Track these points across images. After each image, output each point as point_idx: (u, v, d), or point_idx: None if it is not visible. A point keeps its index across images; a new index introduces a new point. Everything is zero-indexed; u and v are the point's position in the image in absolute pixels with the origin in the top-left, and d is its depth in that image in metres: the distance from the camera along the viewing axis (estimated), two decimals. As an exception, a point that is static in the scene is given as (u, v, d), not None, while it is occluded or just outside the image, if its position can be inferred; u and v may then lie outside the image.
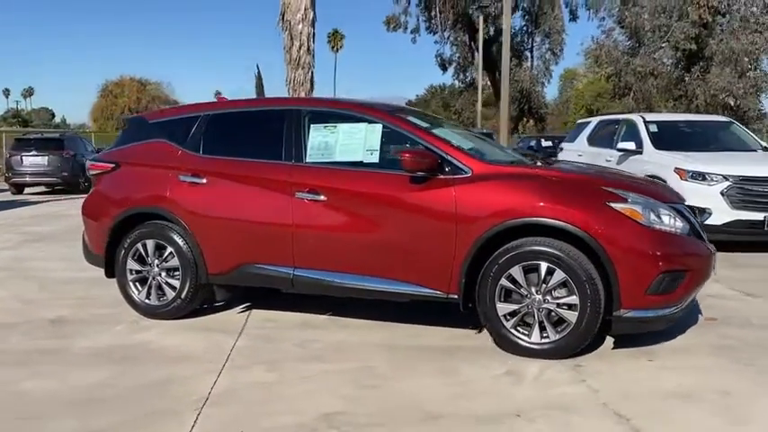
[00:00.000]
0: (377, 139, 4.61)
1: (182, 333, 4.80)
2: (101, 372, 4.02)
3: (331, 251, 4.60)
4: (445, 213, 4.26)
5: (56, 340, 4.66)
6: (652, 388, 3.70)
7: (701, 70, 26.84)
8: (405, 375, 3.93)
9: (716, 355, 4.25)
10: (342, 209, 4.54)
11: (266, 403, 3.55)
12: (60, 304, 5.62)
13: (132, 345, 4.54)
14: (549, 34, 27.12)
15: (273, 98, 6.40)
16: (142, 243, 5.10)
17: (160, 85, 72.36)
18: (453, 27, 26.37)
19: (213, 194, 4.89)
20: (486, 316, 4.27)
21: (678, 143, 8.81)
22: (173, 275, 5.05)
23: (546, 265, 4.08)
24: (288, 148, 4.77)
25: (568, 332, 4.09)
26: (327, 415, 3.38)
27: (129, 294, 5.18)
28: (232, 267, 4.88)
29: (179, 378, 3.92)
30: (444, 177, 4.32)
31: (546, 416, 3.34)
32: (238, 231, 4.81)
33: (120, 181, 5.24)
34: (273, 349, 4.44)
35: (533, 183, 4.26)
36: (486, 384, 3.79)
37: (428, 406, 3.48)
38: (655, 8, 26.52)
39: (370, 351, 4.37)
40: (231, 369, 4.06)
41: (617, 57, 27.63)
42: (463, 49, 27.21)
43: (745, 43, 25.49)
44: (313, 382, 3.84)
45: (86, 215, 5.44)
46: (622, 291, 3.98)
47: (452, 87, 34.12)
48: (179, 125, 5.23)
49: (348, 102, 5.11)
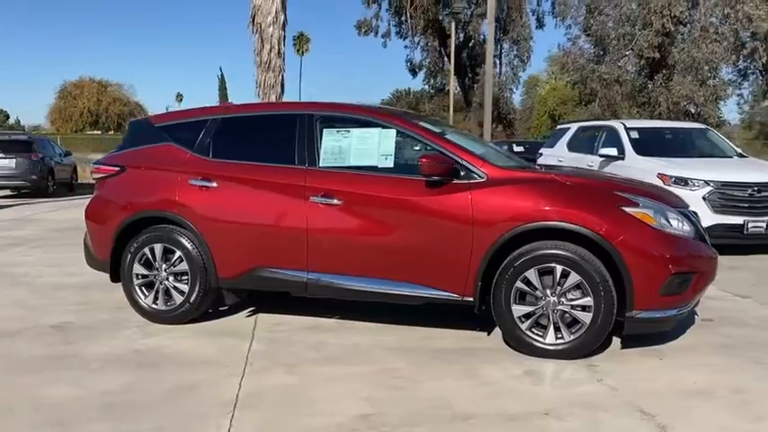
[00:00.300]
0: (391, 143, 4.67)
1: (194, 338, 4.78)
2: (121, 377, 3.99)
3: (346, 255, 4.64)
4: (462, 217, 4.34)
5: (65, 346, 4.59)
6: (668, 386, 3.84)
7: (663, 78, 27.59)
8: (427, 377, 3.99)
9: (721, 354, 4.42)
10: (357, 213, 4.59)
11: (296, 405, 3.57)
12: (60, 310, 5.53)
13: (146, 350, 4.51)
14: (516, 41, 27.57)
15: (285, 102, 6.44)
16: (149, 247, 5.06)
17: (121, 87, 71.16)
18: (424, 32, 26.61)
19: (224, 198, 4.89)
20: (501, 318, 4.36)
21: (658, 149, 9.07)
22: (181, 280, 5.03)
23: (561, 267, 4.19)
24: (300, 152, 4.80)
25: (582, 333, 4.21)
26: (362, 416, 3.42)
27: (136, 299, 5.14)
28: (243, 271, 4.88)
29: (202, 382, 3.91)
30: (460, 182, 4.41)
31: (573, 414, 3.45)
32: (250, 235, 4.82)
33: (127, 185, 5.19)
34: (289, 353, 4.45)
35: (548, 187, 4.38)
36: (508, 385, 3.88)
37: (457, 407, 3.55)
38: (619, 17, 27.20)
39: (386, 354, 4.43)
40: (252, 373, 4.07)
41: (582, 64, 28.24)
42: (433, 54, 27.47)
43: (705, 52, 26.32)
44: (337, 385, 3.88)
45: (90, 219, 5.38)
46: (635, 292, 4.11)
47: (422, 92, 34.42)
48: (187, 129, 5.22)
49: (361, 107, 5.16)
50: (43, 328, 5.02)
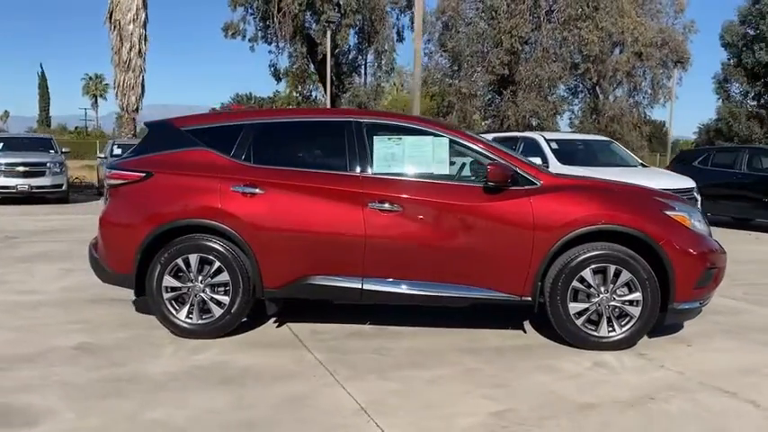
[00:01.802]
0: (445, 151, 4.84)
1: (246, 351, 4.59)
2: (217, 394, 3.79)
3: (405, 260, 4.72)
4: (524, 222, 4.62)
5: (116, 368, 4.21)
6: (720, 367, 4.40)
7: (511, 93, 29.86)
8: (515, 374, 4.21)
9: (730, 339, 5.10)
10: (418, 219, 4.69)
11: (427, 409, 3.64)
12: (62, 330, 5.01)
13: (210, 366, 4.28)
14: (381, 52, 28.41)
15: (325, 109, 6.27)
16: (183, 258, 4.77)
17: None
18: (292, 39, 26.53)
19: (272, 205, 4.75)
20: (557, 315, 4.68)
21: (576, 159, 9.98)
22: (218, 291, 4.81)
23: (614, 267, 4.62)
24: (352, 158, 4.81)
25: (632, 325, 4.67)
26: (498, 413, 3.57)
27: (165, 314, 4.82)
28: (292, 280, 4.77)
29: (307, 393, 3.83)
30: (518, 188, 4.69)
31: (673, 397, 3.85)
32: (302, 243, 4.72)
33: (156, 191, 4.84)
34: (360, 360, 4.45)
35: (600, 193, 4.80)
36: (592, 376, 4.22)
37: (573, 398, 3.82)
38: (474, 35, 29.02)
39: (455, 355, 4.58)
40: (346, 381, 4.03)
41: (440, 78, 29.74)
42: (302, 61, 27.47)
43: (547, 71, 28.87)
44: (442, 387, 3.98)
45: (108, 229, 4.94)
46: (677, 286, 4.63)
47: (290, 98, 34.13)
48: (220, 133, 4.99)
49: (410, 116, 5.26)
50: (65, 350, 4.55)
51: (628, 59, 31.85)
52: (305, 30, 27.17)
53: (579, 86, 34.65)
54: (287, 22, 25.49)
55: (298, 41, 26.82)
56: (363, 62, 28.67)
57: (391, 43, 27.96)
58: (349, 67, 28.71)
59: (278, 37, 26.84)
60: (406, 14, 30.06)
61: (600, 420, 3.52)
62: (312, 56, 27.48)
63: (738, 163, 12.54)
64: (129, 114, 24.67)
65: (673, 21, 33.38)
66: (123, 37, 23.95)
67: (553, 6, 28.82)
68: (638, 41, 30.86)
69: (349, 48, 28.20)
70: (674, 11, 33.48)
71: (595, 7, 28.58)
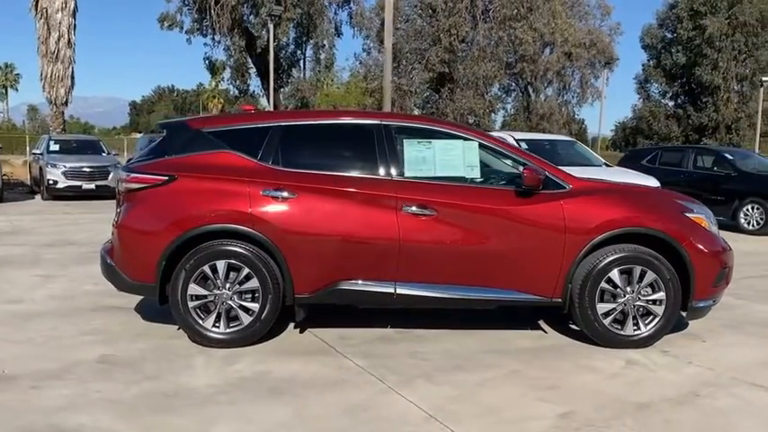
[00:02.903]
0: (475, 155, 4.87)
1: (281, 359, 4.47)
2: (276, 407, 3.69)
3: (438, 264, 4.72)
4: (556, 225, 4.71)
5: (153, 382, 4.02)
6: (742, 361, 4.64)
7: (448, 91, 30.27)
8: (559, 375, 4.29)
9: (735, 333, 5.37)
10: (452, 223, 4.70)
11: (492, 413, 3.66)
12: (78, 342, 4.75)
13: (254, 376, 4.15)
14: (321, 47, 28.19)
15: (355, 111, 6.12)
16: (210, 265, 4.61)
17: None
18: (230, 32, 25.91)
19: (304, 209, 4.64)
20: (585, 315, 4.79)
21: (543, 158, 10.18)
22: (246, 298, 4.67)
23: (640, 268, 4.77)
24: (384, 162, 4.76)
25: (655, 324, 4.84)
26: (564, 415, 3.64)
27: (191, 323, 4.64)
28: (324, 286, 4.69)
29: (365, 401, 3.78)
30: (550, 192, 4.77)
31: (716, 393, 4.03)
32: (336, 248, 4.65)
33: (181, 196, 4.64)
34: (401, 365, 4.42)
35: (626, 197, 4.95)
36: (631, 375, 4.35)
37: (625, 397, 3.92)
38: (413, 32, 29.22)
39: (489, 358, 4.61)
40: (399, 387, 4.00)
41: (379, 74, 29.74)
42: (240, 55, 26.86)
43: (484, 69, 29.43)
44: (496, 390, 4.01)
45: (127, 236, 4.70)
46: (697, 285, 4.84)
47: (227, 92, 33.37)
48: (245, 135, 4.84)
49: (437, 119, 5.24)
50: (90, 364, 4.31)
51: (558, 59, 32.93)
52: (243, 23, 26.61)
53: (512, 85, 35.49)
54: (225, 15, 24.91)
55: (236, 34, 26.24)
56: (302, 56, 28.37)
57: (331, 38, 27.79)
58: (288, 62, 28.35)
59: (215, 30, 26.19)
60: (345, 9, 30.03)
61: (662, 419, 3.64)
62: (250, 49, 26.96)
63: (685, 162, 13.20)
64: (58, 108, 23.49)
65: (600, 23, 34.69)
66: (51, 26, 22.80)
67: (489, 6, 29.37)
68: (568, 42, 31.95)
69: (287, 42, 27.84)
70: (601, 13, 34.81)
71: (529, 8, 29.34)
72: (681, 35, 39.01)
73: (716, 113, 38.75)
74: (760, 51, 37.60)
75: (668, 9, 40.45)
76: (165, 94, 69.52)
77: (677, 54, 39.74)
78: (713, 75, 37.86)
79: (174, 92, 68.27)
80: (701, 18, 37.42)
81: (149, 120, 65.76)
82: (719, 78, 37.94)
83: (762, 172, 12.58)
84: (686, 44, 38.92)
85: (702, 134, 39.36)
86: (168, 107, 65.76)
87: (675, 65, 39.82)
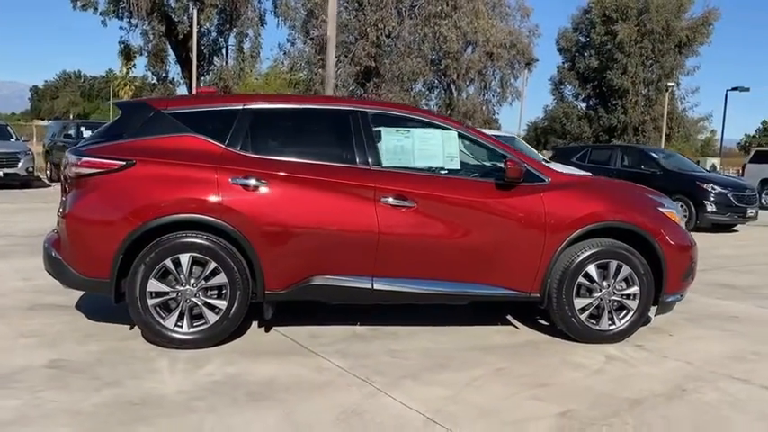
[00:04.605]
0: (455, 145, 4.70)
1: (253, 360, 4.15)
2: (261, 414, 3.39)
3: (417, 258, 4.52)
4: (536, 218, 4.61)
5: (114, 389, 3.61)
6: (714, 355, 4.69)
7: (374, 86, 30.14)
8: (546, 373, 4.18)
9: (698, 327, 5.45)
10: (432, 215, 4.50)
11: (491, 414, 3.49)
12: (18, 345, 4.26)
13: (228, 380, 3.80)
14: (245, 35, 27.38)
15: (329, 97, 5.74)
16: (173, 259, 4.22)
17: None
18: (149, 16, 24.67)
19: (277, 200, 4.33)
20: (562, 311, 4.72)
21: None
22: (212, 295, 4.31)
23: (616, 262, 4.74)
24: (361, 150, 4.51)
25: (629, 318, 4.83)
26: (563, 414, 3.53)
27: (150, 322, 4.24)
28: (297, 281, 4.40)
29: (354, 405, 3.53)
30: (529, 185, 4.66)
31: (701, 387, 4.03)
32: (311, 240, 4.36)
33: (140, 183, 4.21)
34: (381, 364, 4.19)
35: (603, 190, 4.92)
36: (614, 370, 4.29)
37: (615, 394, 3.86)
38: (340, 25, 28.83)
39: (471, 355, 4.46)
40: (387, 388, 3.77)
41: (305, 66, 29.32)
42: (160, 40, 25.63)
43: (410, 65, 29.51)
44: (488, 390, 3.85)
45: (77, 227, 4.23)
46: (668, 279, 4.86)
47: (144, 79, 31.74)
48: (211, 118, 4.46)
49: (418, 108, 5.02)
50: (38, 370, 3.85)
51: (480, 59, 33.46)
52: (163, 6, 25.44)
53: (435, 82, 35.78)
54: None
55: (155, 19, 25.06)
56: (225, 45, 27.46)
57: (256, 27, 27.03)
58: (209, 49, 27.35)
59: (132, 12, 24.90)
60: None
61: (658, 415, 3.59)
62: (170, 35, 25.81)
63: (613, 160, 13.61)
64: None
65: (520, 24, 35.50)
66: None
67: (415, 2, 29.42)
68: (490, 42, 32.50)
69: (209, 29, 26.84)
70: (521, 15, 35.63)
71: (454, 6, 29.58)
72: (594, 40, 40.50)
73: (624, 115, 40.48)
74: (665, 58, 39.54)
75: (582, 14, 41.91)
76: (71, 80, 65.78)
77: (590, 58, 41.27)
78: (623, 79, 39.53)
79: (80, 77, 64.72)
80: (612, 24, 38.97)
81: (53, 106, 62.10)
82: (628, 82, 39.66)
83: (684, 171, 13.14)
84: (599, 49, 40.44)
85: (612, 135, 41.03)
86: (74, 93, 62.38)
87: (588, 68, 41.31)
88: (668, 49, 39.52)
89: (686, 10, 39.50)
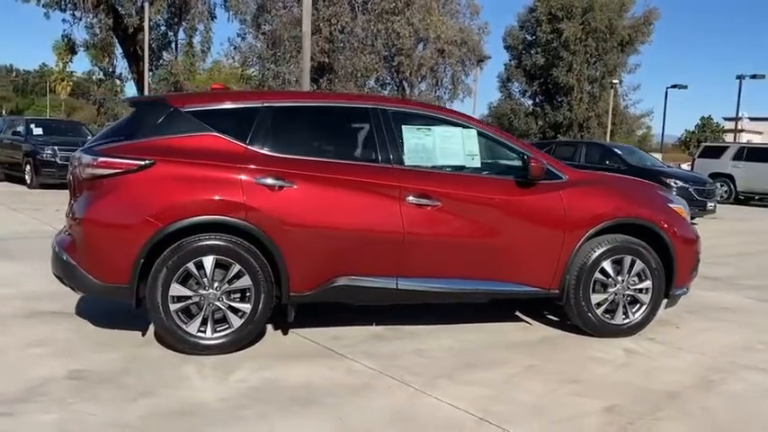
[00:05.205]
0: (475, 143, 4.68)
1: (283, 365, 4.04)
2: (314, 419, 3.30)
3: (441, 257, 4.49)
4: (557, 216, 4.64)
5: (151, 399, 3.46)
6: (723, 345, 4.82)
7: (328, 82, 29.93)
8: (576, 369, 4.21)
9: (702, 319, 5.58)
10: (456, 213, 4.48)
11: (539, 411, 3.50)
12: (29, 356, 4.03)
13: (266, 386, 3.70)
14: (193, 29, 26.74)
15: (348, 94, 5.57)
16: (196, 262, 4.07)
17: None
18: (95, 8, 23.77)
19: (303, 200, 4.22)
20: (579, 306, 4.77)
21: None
22: (235, 298, 4.18)
23: (630, 257, 4.83)
24: (383, 149, 4.45)
25: (642, 312, 4.92)
26: (609, 408, 3.57)
27: (173, 328, 4.08)
28: (321, 283, 4.31)
29: (402, 408, 3.48)
30: (549, 183, 4.69)
31: (726, 378, 4.13)
32: (336, 241, 4.27)
33: (162, 184, 4.03)
34: (412, 364, 4.15)
35: (619, 187, 5.00)
36: (639, 364, 4.36)
37: (651, 387, 3.92)
38: (291, 20, 28.52)
39: (496, 353, 4.46)
40: (427, 388, 3.73)
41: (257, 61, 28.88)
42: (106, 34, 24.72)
43: (363, 61, 29.43)
44: (526, 387, 3.85)
45: (95, 231, 4.03)
46: (678, 273, 4.98)
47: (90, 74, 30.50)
48: (231, 116, 4.32)
49: (436, 105, 4.97)
50: (62, 381, 3.64)
51: (432, 55, 33.60)
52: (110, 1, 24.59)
53: (387, 79, 35.76)
54: (90, -11, 22.87)
55: (102, 12, 24.20)
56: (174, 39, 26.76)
57: (207, 21, 26.45)
58: (158, 44, 26.59)
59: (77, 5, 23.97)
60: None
61: (698, 407, 3.66)
62: (117, 29, 24.97)
63: (577, 156, 13.89)
64: None
65: (470, 21, 35.80)
66: None
67: (368, -2, 29.33)
68: (441, 39, 32.66)
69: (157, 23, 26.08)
70: (470, 12, 35.94)
71: (407, 3, 29.64)
72: (540, 38, 41.29)
73: (570, 112, 41.43)
74: (608, 56, 40.63)
75: (528, 12, 42.64)
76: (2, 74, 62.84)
77: (536, 55, 42.03)
78: (568, 76, 40.44)
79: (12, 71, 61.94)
80: (558, 22, 39.80)
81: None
82: (574, 80, 40.60)
83: (647, 166, 13.53)
84: (545, 46, 41.24)
85: (558, 131, 41.94)
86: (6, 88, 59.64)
87: (535, 66, 42.08)
88: (611, 47, 40.60)
89: (628, 9, 40.69)
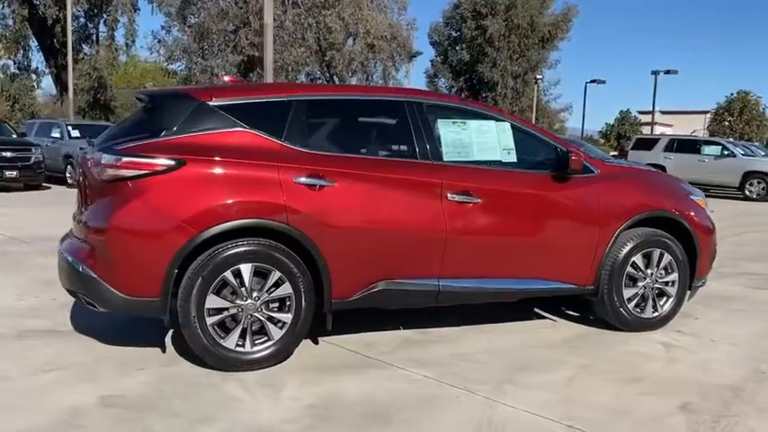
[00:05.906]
0: (510, 137, 4.50)
1: (333, 378, 3.75)
2: None
3: (483, 256, 4.31)
4: (593, 211, 4.55)
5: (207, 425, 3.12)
6: (746, 336, 4.85)
7: (258, 75, 29.20)
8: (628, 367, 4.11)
9: (713, 310, 5.58)
10: (496, 211, 4.31)
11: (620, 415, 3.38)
12: (44, 382, 3.57)
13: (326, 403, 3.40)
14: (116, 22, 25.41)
15: (381, 87, 5.19)
16: (233, 270, 3.71)
17: None
18: None
19: (345, 200, 3.93)
20: (612, 301, 4.69)
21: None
22: (274, 308, 3.85)
23: (659, 250, 4.80)
24: (421, 144, 4.21)
25: (670, 304, 4.91)
26: (682, 407, 3.48)
27: (209, 344, 3.70)
28: (364, 287, 4.03)
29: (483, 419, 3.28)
30: (583, 177, 4.58)
31: (766, 369, 4.16)
32: (380, 242, 4.01)
33: (193, 186, 3.63)
34: (465, 369, 3.95)
35: (647, 180, 4.94)
36: (684, 357, 4.33)
37: (708, 381, 3.88)
38: (219, 12, 27.65)
39: (540, 353, 4.32)
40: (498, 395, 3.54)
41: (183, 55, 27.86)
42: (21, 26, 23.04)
43: (294, 55, 28.94)
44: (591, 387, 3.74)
45: (122, 239, 3.59)
46: (700, 265, 5.00)
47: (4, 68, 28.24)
48: (263, 110, 3.96)
49: (467, 99, 4.74)
50: (96, 410, 3.23)
51: (362, 50, 33.40)
52: (25, -10, 23.01)
53: (317, 73, 35.31)
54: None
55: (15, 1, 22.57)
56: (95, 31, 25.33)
57: (130, 14, 25.17)
58: (78, 36, 25.07)
59: (-13, -5, 22.31)
60: (141, -17, 27.37)
61: (766, 399, 3.65)
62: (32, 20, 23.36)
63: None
64: None
65: (398, 17, 35.78)
66: None
67: (298, -9, 28.82)
68: (371, 33, 32.51)
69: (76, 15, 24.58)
70: (398, 8, 35.92)
71: (338, -3, 29.34)
72: (465, 34, 41.86)
73: (495, 107, 42.28)
74: (531, 52, 41.67)
75: (453, 9, 43.14)
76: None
77: (462, 52, 42.65)
78: (493, 72, 41.24)
79: None
80: (482, 19, 40.47)
81: None
82: (498, 75, 41.42)
83: (598, 159, 13.81)
84: (469, 43, 41.86)
85: (484, 126, 42.69)
86: None
87: (460, 62, 42.69)
88: (533, 43, 41.65)
89: (548, 6, 41.83)
